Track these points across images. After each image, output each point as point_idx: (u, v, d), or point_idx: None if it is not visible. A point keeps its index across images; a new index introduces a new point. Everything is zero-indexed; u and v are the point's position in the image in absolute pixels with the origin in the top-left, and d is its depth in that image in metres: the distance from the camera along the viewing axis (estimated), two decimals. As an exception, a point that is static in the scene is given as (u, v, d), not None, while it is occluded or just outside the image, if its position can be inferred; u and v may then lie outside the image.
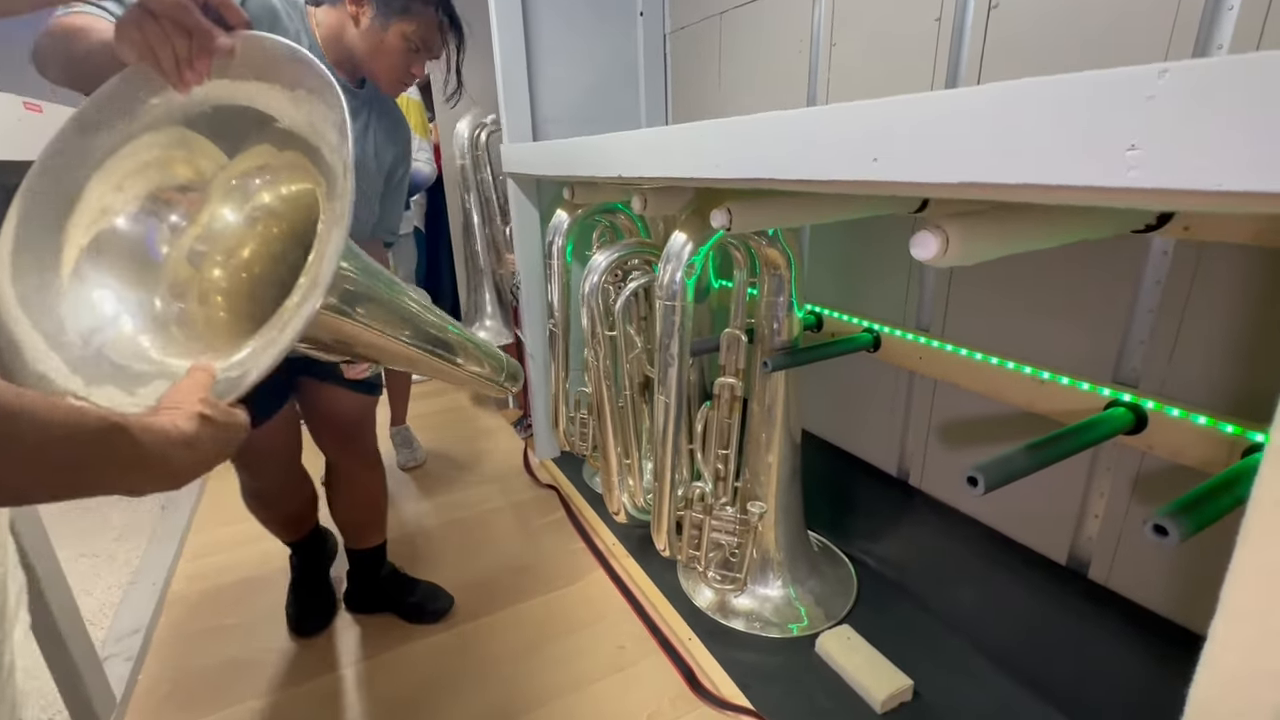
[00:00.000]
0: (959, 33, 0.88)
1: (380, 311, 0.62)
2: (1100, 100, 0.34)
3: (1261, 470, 0.32)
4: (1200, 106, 0.30)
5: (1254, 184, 0.29)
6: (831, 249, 1.21)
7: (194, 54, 0.52)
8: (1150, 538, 0.53)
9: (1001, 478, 0.61)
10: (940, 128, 0.43)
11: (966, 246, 0.51)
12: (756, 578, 1.19)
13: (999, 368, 0.89)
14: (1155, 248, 0.73)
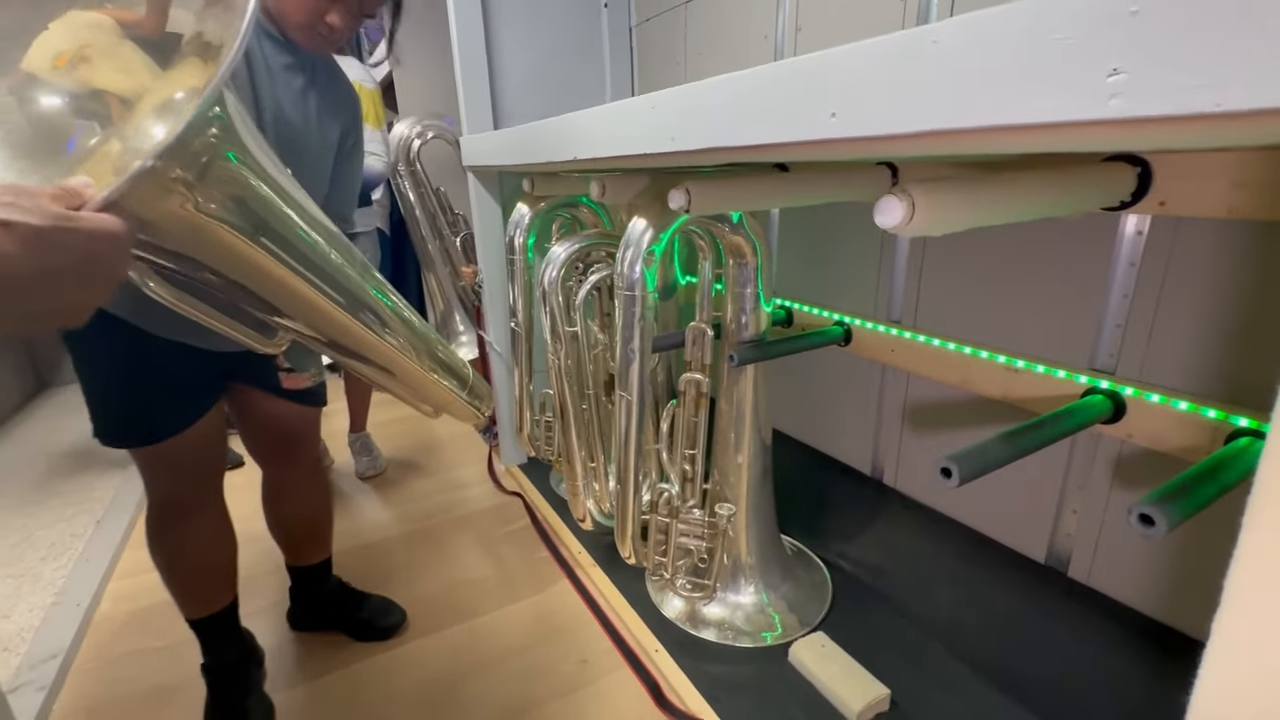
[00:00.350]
0: (925, 13, 0.85)
1: (295, 239, 0.53)
2: (1075, 22, 0.30)
3: (1262, 464, 0.27)
4: (1196, 13, 0.26)
5: (1262, 99, 0.24)
6: (800, 240, 1.18)
7: None
8: (1136, 528, 0.49)
9: (976, 469, 0.57)
10: (901, 72, 0.38)
11: (933, 215, 0.47)
12: (727, 584, 1.13)
13: (972, 357, 0.85)
14: (1129, 229, 0.70)
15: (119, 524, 1.47)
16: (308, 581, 1.11)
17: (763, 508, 1.13)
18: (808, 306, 1.13)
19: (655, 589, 1.19)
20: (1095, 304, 0.74)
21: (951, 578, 1.00)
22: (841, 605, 1.11)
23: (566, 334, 1.17)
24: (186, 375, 0.82)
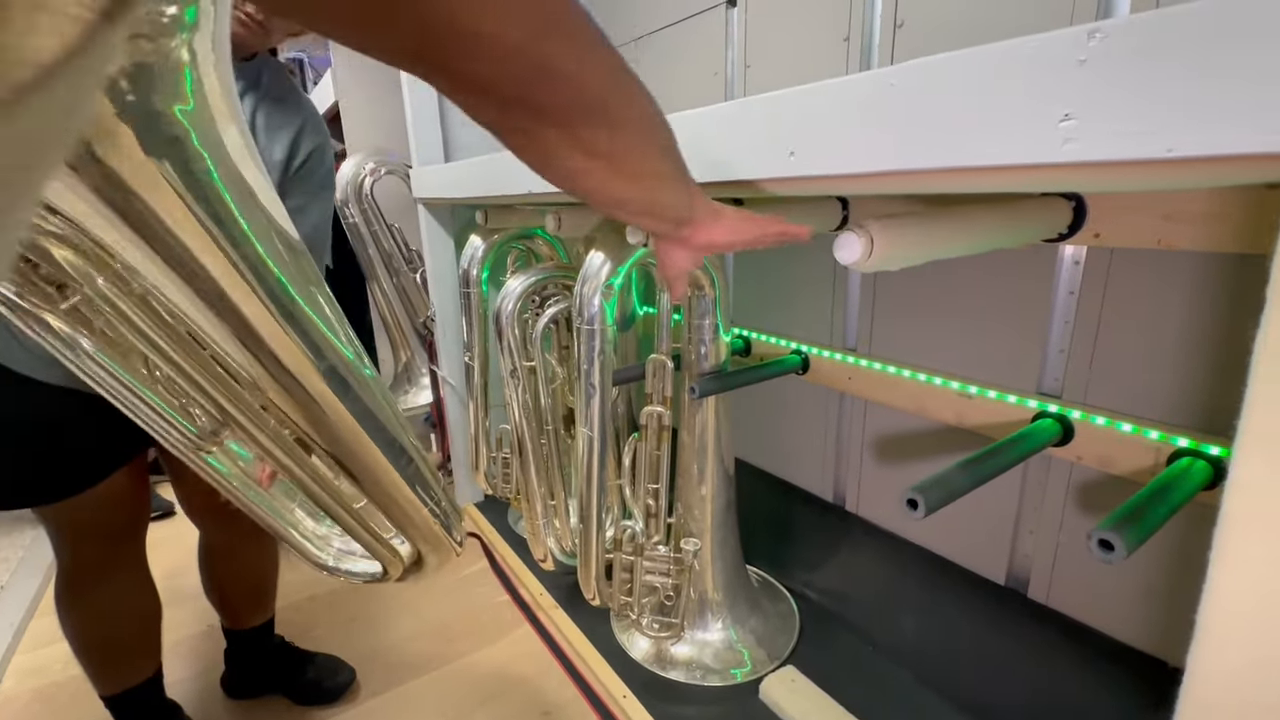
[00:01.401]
0: (868, 51, 0.89)
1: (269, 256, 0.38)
2: (1027, 69, 0.30)
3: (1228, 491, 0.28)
4: (1139, 66, 0.27)
5: (1207, 147, 0.25)
6: (757, 270, 1.19)
7: None
8: (1096, 554, 0.49)
9: (941, 499, 0.57)
10: (860, 114, 0.39)
11: (890, 251, 0.47)
12: (695, 621, 1.11)
13: (926, 384, 0.87)
14: (1067, 258, 0.73)
15: (26, 589, 1.33)
16: (247, 645, 1.02)
17: (728, 540, 1.12)
18: (766, 336, 1.14)
19: (621, 629, 1.16)
20: (1040, 330, 0.77)
21: (916, 603, 1.00)
22: (809, 636, 1.10)
23: (524, 368, 1.14)
24: (91, 426, 0.71)
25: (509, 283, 1.11)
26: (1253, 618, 0.28)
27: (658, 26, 1.28)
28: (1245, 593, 0.28)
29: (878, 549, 1.05)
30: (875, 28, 0.87)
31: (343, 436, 0.49)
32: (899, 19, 0.84)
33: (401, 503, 0.58)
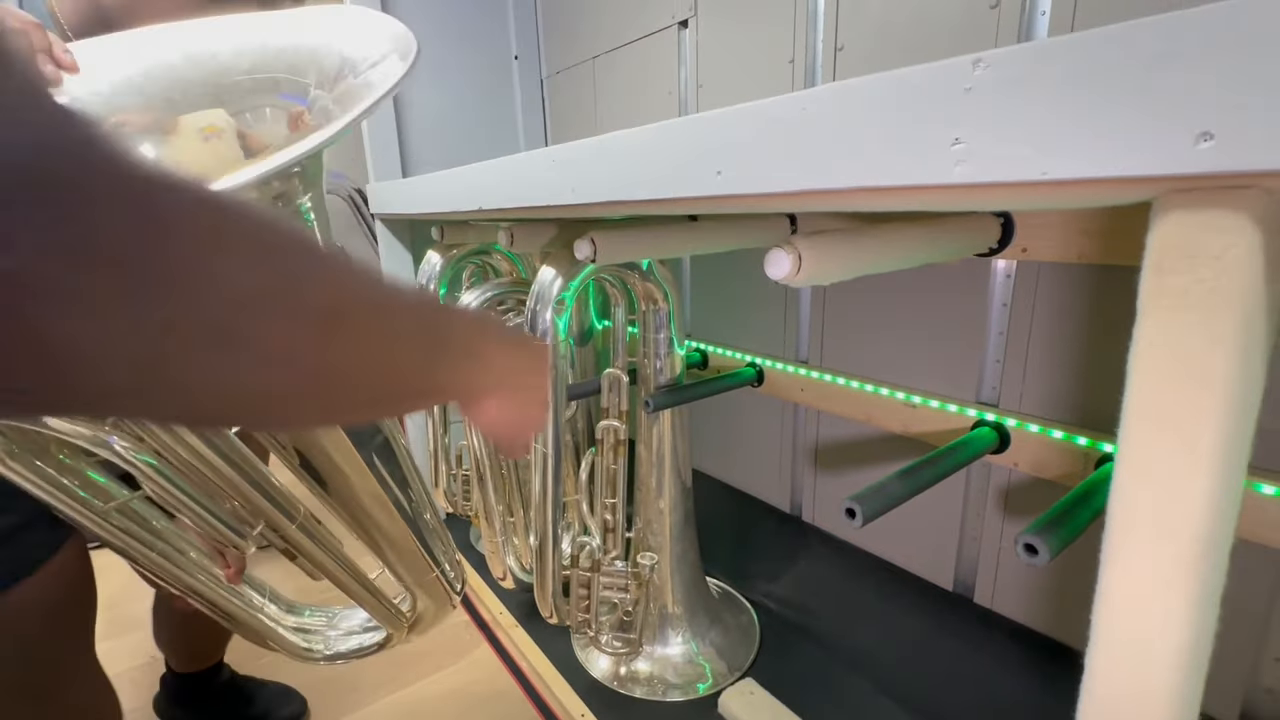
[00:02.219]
0: (811, 72, 0.92)
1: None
2: (921, 95, 0.32)
3: (1113, 489, 0.29)
4: (1018, 94, 0.28)
5: (1075, 171, 0.27)
6: (713, 284, 1.21)
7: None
8: (1022, 558, 0.51)
9: (879, 508, 0.59)
10: (776, 135, 0.40)
11: (819, 266, 0.49)
12: (655, 636, 1.10)
13: (874, 395, 0.89)
14: (999, 271, 0.76)
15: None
16: (193, 685, 0.98)
17: (687, 553, 1.12)
18: (722, 349, 1.16)
19: (580, 647, 1.14)
20: (978, 341, 0.80)
21: (870, 611, 1.02)
22: (769, 646, 1.10)
23: (480, 384, 1.13)
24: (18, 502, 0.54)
25: (463, 297, 1.10)
26: (1139, 609, 0.29)
27: (614, 45, 1.30)
28: (1131, 586, 0.29)
29: (834, 558, 1.07)
30: (818, 51, 0.90)
31: (373, 511, 0.51)
32: (839, 43, 0.87)
33: (416, 563, 0.58)
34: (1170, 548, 0.27)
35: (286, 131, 0.48)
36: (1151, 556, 0.28)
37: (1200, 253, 0.25)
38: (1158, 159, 0.24)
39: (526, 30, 1.54)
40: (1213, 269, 0.25)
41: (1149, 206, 0.27)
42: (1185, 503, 0.27)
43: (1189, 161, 0.24)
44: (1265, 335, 0.26)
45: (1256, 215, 0.24)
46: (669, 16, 1.14)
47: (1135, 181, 0.25)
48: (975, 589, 0.86)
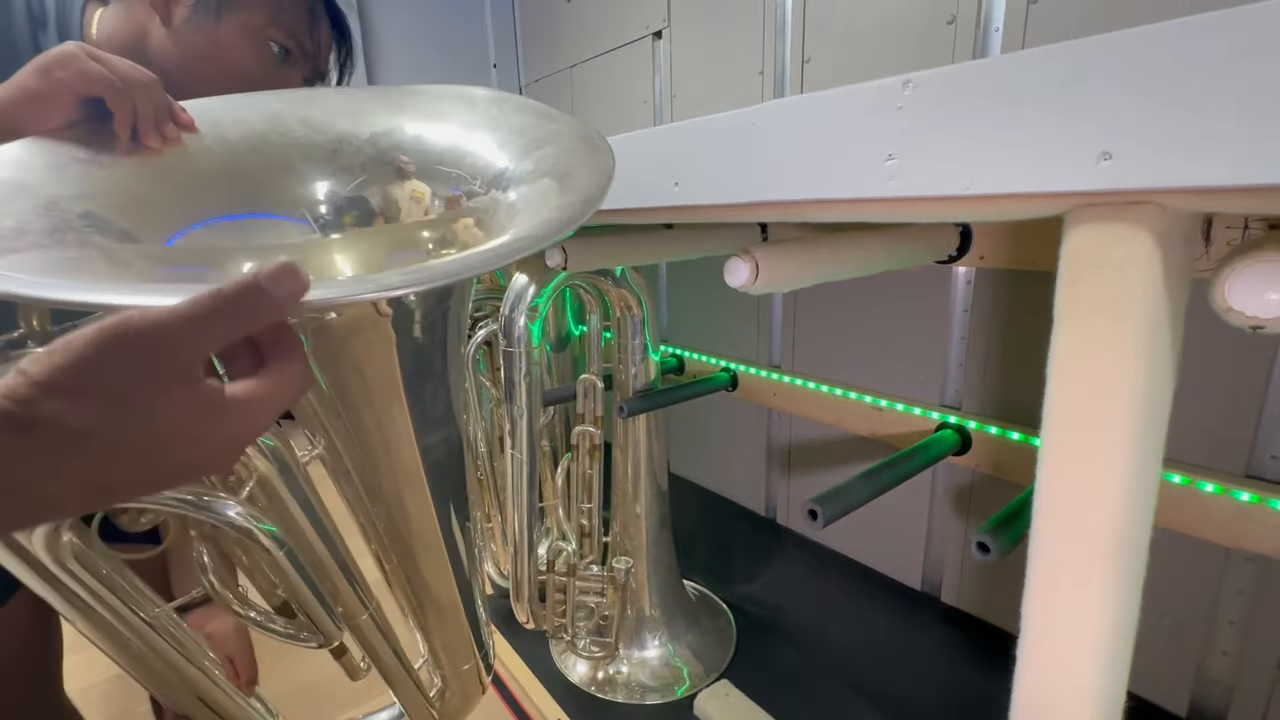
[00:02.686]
0: (780, 83, 0.94)
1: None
2: (858, 113, 0.34)
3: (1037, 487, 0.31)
4: (943, 113, 0.30)
5: (994, 186, 0.28)
6: (690, 290, 1.22)
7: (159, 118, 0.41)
8: (975, 556, 0.53)
9: (840, 509, 0.60)
10: (729, 149, 0.42)
11: (776, 274, 0.50)
12: (633, 640, 1.11)
13: (843, 398, 0.91)
14: (960, 277, 0.78)
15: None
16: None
17: (663, 557, 1.13)
18: (698, 354, 1.17)
19: (558, 652, 1.15)
20: (941, 346, 0.82)
21: (842, 611, 1.03)
22: (745, 648, 1.11)
23: (457, 390, 1.14)
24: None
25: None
26: (1061, 599, 0.31)
27: (591, 55, 1.32)
28: (1053, 578, 0.31)
29: (808, 560, 1.09)
30: (786, 62, 0.93)
31: (435, 586, 0.51)
32: (806, 55, 0.89)
33: (460, 648, 0.57)
34: (1088, 541, 0.29)
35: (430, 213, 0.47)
36: (1071, 549, 0.30)
37: (1105, 263, 0.26)
38: (1064, 176, 0.26)
39: (505, 38, 1.55)
40: (1117, 279, 0.26)
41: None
42: (1100, 498, 0.28)
43: (1091, 179, 0.25)
44: (1171, 340, 0.28)
45: (1153, 229, 0.25)
46: (643, 27, 1.16)
47: (1047, 197, 0.27)
48: (942, 588, 0.88)
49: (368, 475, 0.45)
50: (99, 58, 0.41)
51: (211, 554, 0.48)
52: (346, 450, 0.43)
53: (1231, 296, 0.25)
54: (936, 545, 0.88)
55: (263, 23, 0.54)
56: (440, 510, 0.49)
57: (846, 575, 1.01)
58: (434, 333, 0.43)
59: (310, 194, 0.47)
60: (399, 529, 0.48)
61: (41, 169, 0.37)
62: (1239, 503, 0.56)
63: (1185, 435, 0.61)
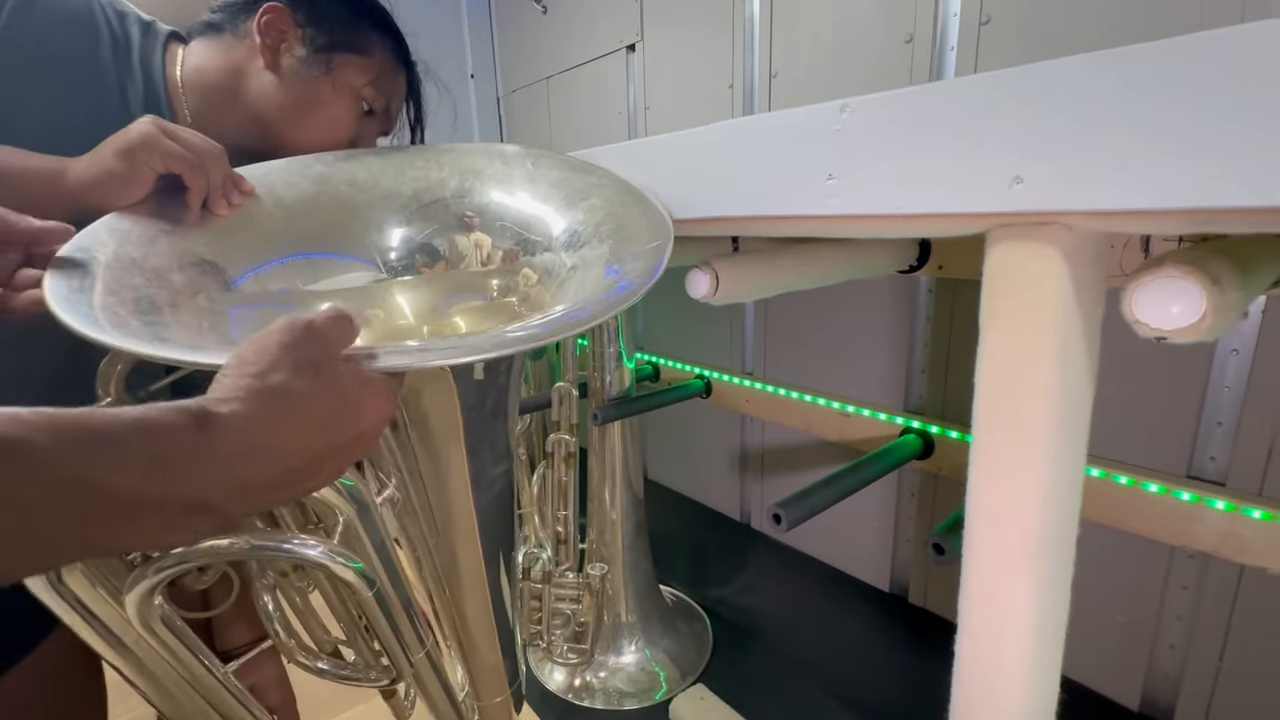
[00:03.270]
0: (749, 97, 0.96)
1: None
2: (800, 136, 0.35)
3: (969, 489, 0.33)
4: (875, 137, 0.32)
5: (921, 206, 0.30)
6: (665, 298, 1.24)
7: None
8: (931, 557, 0.55)
9: (804, 513, 0.62)
10: (688, 167, 0.43)
11: (736, 285, 0.52)
12: (610, 645, 1.12)
13: (813, 405, 0.93)
14: (921, 286, 0.81)
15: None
16: None
17: (639, 563, 1.14)
18: (673, 362, 1.19)
19: (535, 660, 1.15)
20: (905, 352, 0.84)
21: (814, 613, 1.05)
22: (721, 651, 1.13)
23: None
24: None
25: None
26: (991, 594, 0.32)
27: (567, 67, 1.34)
28: (984, 573, 0.32)
29: (782, 564, 1.10)
30: (754, 77, 0.95)
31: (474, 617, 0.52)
32: (773, 70, 0.91)
33: (493, 679, 0.56)
34: (1013, 537, 0.31)
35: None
36: (999, 546, 0.31)
37: (1020, 279, 0.28)
38: (982, 198, 0.28)
39: (482, 50, 1.56)
40: (1031, 293, 0.28)
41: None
42: (1023, 497, 0.30)
43: (1005, 201, 0.27)
44: (1086, 348, 0.30)
45: (1062, 247, 0.27)
46: (617, 40, 1.18)
47: (968, 217, 0.29)
48: (909, 589, 0.90)
49: (431, 511, 0.47)
50: (174, 135, 0.43)
51: (275, 602, 0.49)
52: (414, 487, 0.46)
53: (1137, 309, 0.27)
54: (903, 548, 0.90)
55: (364, 83, 0.57)
56: (488, 545, 0.52)
57: (819, 578, 1.02)
58: (496, 378, 0.46)
59: (379, 240, 0.52)
60: (454, 563, 0.50)
61: (138, 243, 0.41)
62: (1181, 502, 0.59)
63: (1131, 439, 0.64)
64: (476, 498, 0.49)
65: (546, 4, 1.35)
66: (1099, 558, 0.68)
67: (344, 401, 0.26)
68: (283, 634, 0.50)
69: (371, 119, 0.60)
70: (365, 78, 0.57)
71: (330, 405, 0.25)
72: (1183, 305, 0.26)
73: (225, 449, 0.22)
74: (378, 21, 0.59)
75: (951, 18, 0.72)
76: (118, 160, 0.42)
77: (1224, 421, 0.59)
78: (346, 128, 0.58)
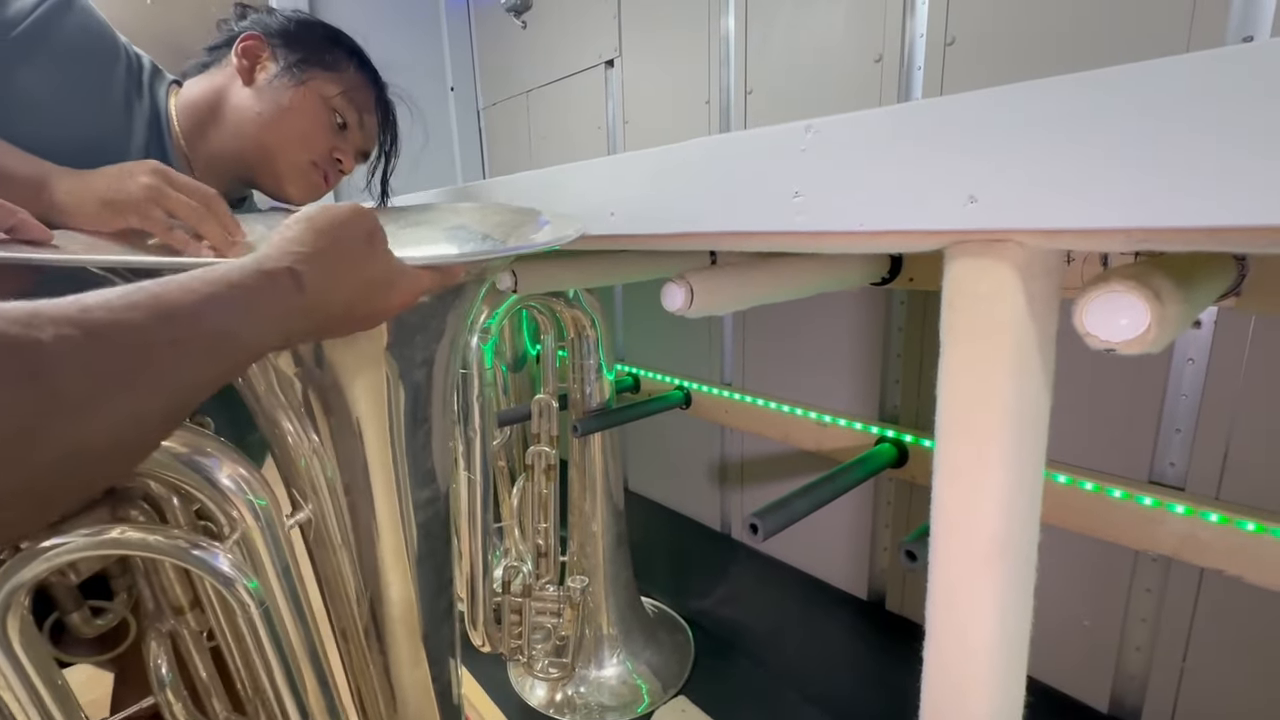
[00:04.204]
0: (726, 112, 0.98)
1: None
2: (769, 155, 0.36)
3: (933, 497, 0.33)
4: (838, 156, 0.33)
5: (882, 223, 0.31)
6: (645, 309, 1.25)
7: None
8: (904, 564, 0.56)
9: (780, 523, 0.62)
10: (661, 184, 0.44)
11: (711, 298, 0.53)
12: (591, 659, 1.11)
13: (790, 415, 0.94)
14: (894, 298, 0.82)
15: None
16: None
17: (620, 575, 1.13)
18: (653, 373, 1.19)
19: (516, 675, 1.14)
20: (879, 362, 0.86)
21: (795, 623, 1.06)
22: (703, 662, 1.13)
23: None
24: None
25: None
26: (955, 598, 0.33)
27: (546, 81, 1.35)
28: (949, 579, 0.33)
29: (762, 573, 1.11)
30: (731, 92, 0.97)
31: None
32: (749, 86, 0.93)
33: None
34: (975, 543, 0.32)
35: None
36: (962, 552, 0.32)
37: (975, 293, 0.29)
38: (939, 216, 0.29)
39: (462, 63, 1.57)
40: (986, 307, 0.29)
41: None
42: (984, 503, 0.31)
43: (960, 219, 0.28)
44: (1041, 358, 0.31)
45: (1015, 264, 0.28)
46: (596, 55, 1.19)
47: (926, 234, 0.30)
48: (886, 596, 0.91)
49: (357, 543, 0.44)
50: (180, 186, 0.47)
51: (170, 663, 0.45)
52: (337, 514, 0.43)
53: (1087, 322, 0.29)
54: (880, 556, 0.91)
55: (333, 93, 0.62)
56: (424, 587, 0.49)
57: (798, 587, 1.03)
58: (425, 374, 0.45)
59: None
60: (381, 609, 0.47)
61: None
62: (1143, 506, 0.61)
63: (1094, 445, 0.66)
64: (404, 517, 0.46)
65: (526, 19, 1.36)
66: (1065, 562, 0.69)
67: (385, 273, 0.32)
68: (171, 697, 0.46)
69: (347, 133, 0.64)
70: (335, 89, 0.62)
71: (375, 274, 0.32)
72: (1129, 318, 0.27)
73: (308, 303, 0.28)
74: (347, 47, 0.65)
75: (918, 38, 0.74)
76: (102, 210, 0.44)
77: (1182, 428, 0.61)
78: (322, 136, 0.62)
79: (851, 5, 0.79)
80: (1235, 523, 0.55)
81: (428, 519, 0.50)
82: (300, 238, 0.29)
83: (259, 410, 0.41)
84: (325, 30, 0.64)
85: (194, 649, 0.46)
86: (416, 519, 0.48)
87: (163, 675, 0.45)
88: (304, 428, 0.41)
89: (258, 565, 0.38)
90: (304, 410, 0.41)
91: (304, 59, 0.60)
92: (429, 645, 0.51)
